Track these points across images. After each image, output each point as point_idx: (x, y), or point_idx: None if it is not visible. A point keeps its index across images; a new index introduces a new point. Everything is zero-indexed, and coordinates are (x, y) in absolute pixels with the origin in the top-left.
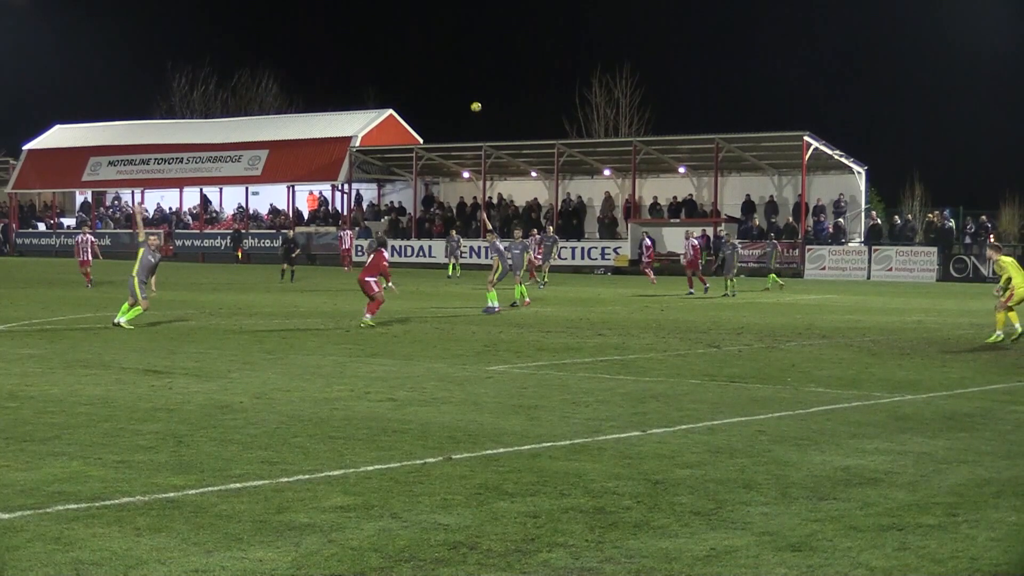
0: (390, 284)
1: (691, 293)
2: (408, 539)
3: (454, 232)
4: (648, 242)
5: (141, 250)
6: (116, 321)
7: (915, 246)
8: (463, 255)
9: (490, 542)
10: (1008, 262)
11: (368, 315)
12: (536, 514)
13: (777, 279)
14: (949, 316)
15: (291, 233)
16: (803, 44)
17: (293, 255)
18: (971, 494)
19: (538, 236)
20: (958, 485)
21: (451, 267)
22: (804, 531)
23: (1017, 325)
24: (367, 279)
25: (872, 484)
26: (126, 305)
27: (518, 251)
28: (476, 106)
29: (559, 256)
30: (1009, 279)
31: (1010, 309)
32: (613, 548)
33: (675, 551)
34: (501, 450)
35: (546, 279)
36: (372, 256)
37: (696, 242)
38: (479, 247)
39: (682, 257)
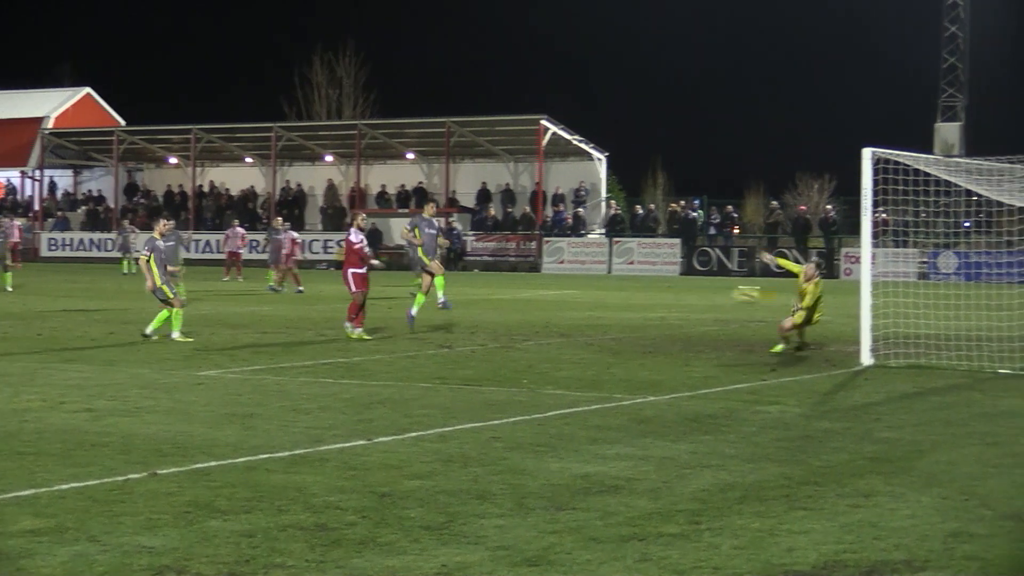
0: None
1: (300, 291)
2: (108, 564)
3: (126, 223)
4: (295, 236)
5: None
6: (172, 335)
7: (658, 238)
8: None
9: (200, 565)
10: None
11: (348, 323)
12: (251, 533)
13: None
14: (693, 312)
15: None
16: (540, 23)
17: None
18: (715, 500)
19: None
20: (701, 491)
21: (124, 263)
22: (541, 544)
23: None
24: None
25: (613, 492)
26: (164, 313)
27: (171, 244)
28: None
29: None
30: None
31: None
32: (336, 568)
33: (403, 569)
34: (213, 463)
35: (273, 280)
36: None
37: (296, 236)
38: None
39: (280, 252)
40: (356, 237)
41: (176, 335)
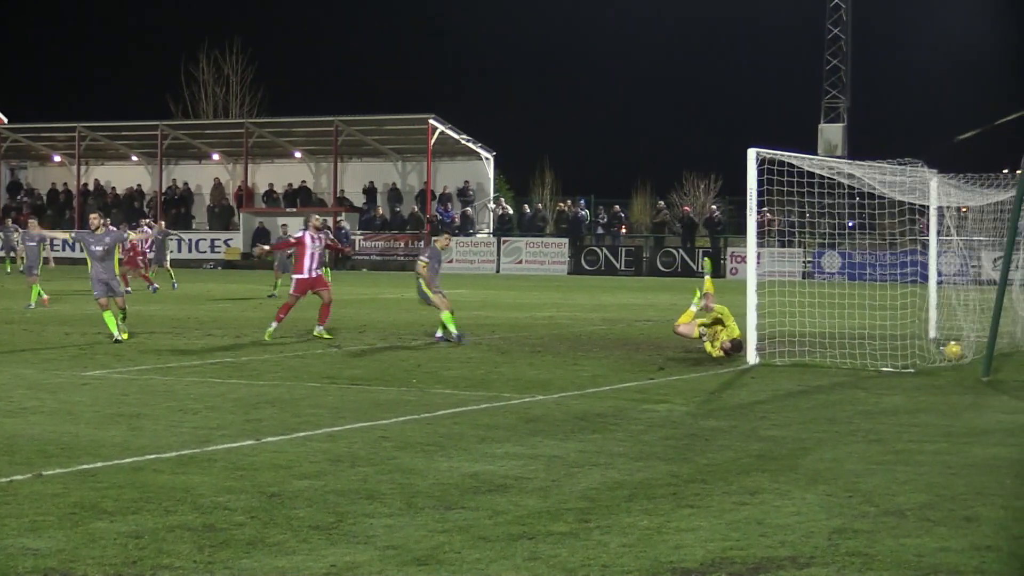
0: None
1: (156, 288)
2: None
3: (9, 221)
4: (147, 231)
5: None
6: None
7: (546, 237)
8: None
9: (86, 567)
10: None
11: (275, 324)
12: (139, 534)
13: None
14: (581, 311)
15: None
16: (428, 22)
17: None
18: (603, 498)
19: (147, 230)
20: (590, 489)
21: (7, 262)
22: (430, 543)
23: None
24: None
25: (502, 491)
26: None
27: (33, 244)
28: None
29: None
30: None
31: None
32: (224, 568)
33: (292, 569)
34: (99, 464)
35: (174, 279)
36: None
37: (148, 231)
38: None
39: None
40: (309, 240)
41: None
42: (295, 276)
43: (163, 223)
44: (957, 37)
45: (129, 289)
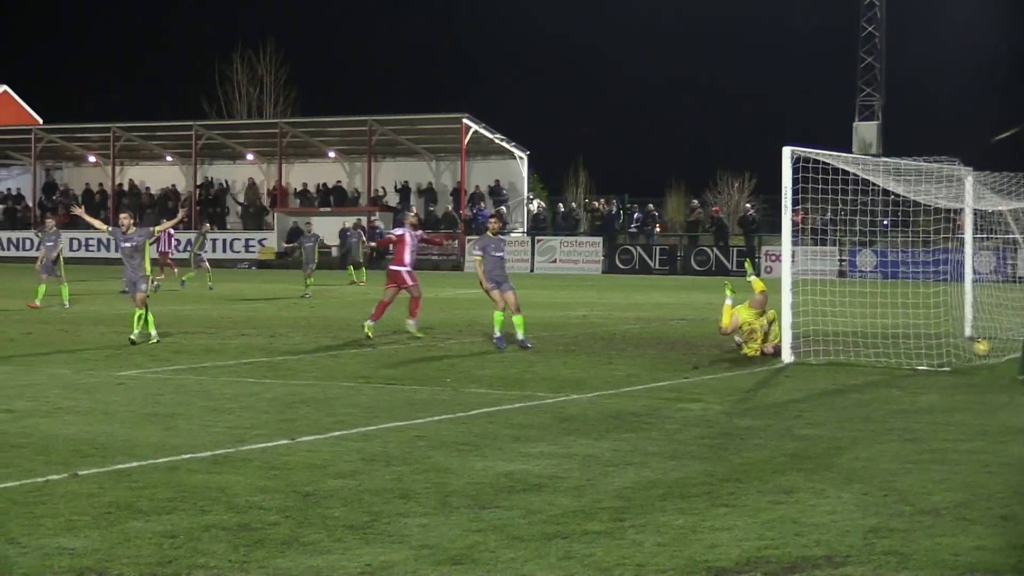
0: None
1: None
2: (28, 567)
3: (48, 221)
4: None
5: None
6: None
7: (580, 236)
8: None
9: (122, 566)
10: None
11: (411, 320)
12: (174, 533)
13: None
14: (615, 310)
15: None
16: (460, 22)
17: None
18: (638, 498)
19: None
20: (624, 488)
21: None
22: (465, 542)
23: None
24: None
25: (536, 490)
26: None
27: (51, 243)
28: None
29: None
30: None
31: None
32: (259, 568)
33: (327, 568)
34: (134, 464)
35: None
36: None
37: (172, 232)
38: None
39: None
40: (409, 235)
41: (137, 333)
42: (394, 267)
43: (209, 224)
44: (993, 34)
45: (158, 285)
